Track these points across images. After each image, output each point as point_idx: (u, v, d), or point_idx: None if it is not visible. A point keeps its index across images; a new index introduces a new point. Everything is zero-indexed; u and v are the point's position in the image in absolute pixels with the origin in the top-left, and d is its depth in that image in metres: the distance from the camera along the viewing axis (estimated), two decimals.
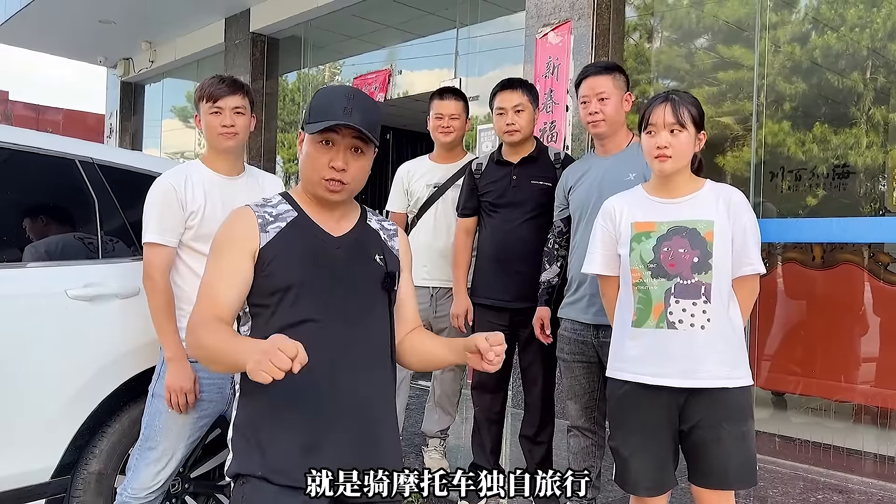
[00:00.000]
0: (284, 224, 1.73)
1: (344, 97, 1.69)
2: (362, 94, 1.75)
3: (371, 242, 1.82)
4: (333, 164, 1.69)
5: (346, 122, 1.65)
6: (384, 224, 1.90)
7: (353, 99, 1.69)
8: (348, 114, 1.66)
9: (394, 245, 1.87)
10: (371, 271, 1.78)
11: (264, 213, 1.74)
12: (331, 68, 8.59)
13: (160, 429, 2.45)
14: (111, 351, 2.65)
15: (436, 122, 3.67)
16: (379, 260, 1.80)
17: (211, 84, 2.55)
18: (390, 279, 1.80)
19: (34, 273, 2.58)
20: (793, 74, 4.70)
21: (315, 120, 1.68)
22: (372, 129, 1.70)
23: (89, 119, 16.23)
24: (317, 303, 1.68)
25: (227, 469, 1.72)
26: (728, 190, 2.31)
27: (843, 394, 4.30)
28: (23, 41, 10.67)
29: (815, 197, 4.56)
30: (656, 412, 2.27)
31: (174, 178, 2.49)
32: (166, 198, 2.45)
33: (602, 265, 2.43)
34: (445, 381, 3.72)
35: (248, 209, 1.74)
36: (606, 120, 2.90)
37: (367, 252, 1.79)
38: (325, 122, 1.66)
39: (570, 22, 5.03)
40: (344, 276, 1.73)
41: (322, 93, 1.77)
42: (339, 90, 1.73)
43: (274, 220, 1.73)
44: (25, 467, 2.45)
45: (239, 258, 1.67)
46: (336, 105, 1.68)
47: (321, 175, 1.70)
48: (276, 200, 1.79)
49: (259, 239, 1.69)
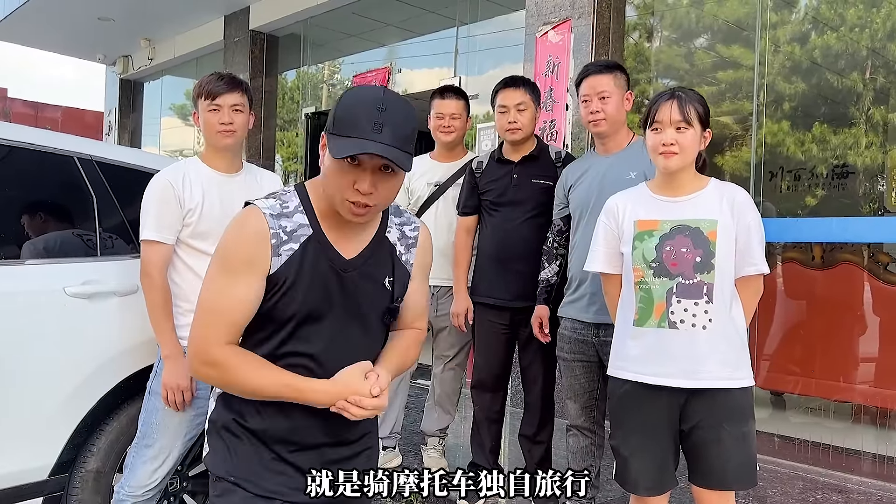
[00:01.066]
0: (297, 246, 1.56)
1: (374, 109, 1.46)
2: (395, 102, 1.50)
3: (383, 263, 1.67)
4: (359, 186, 1.48)
5: (373, 148, 1.44)
6: (405, 230, 1.72)
7: (384, 111, 1.46)
8: (378, 130, 1.44)
9: (408, 259, 1.71)
10: (376, 299, 1.67)
11: (280, 228, 1.55)
12: (330, 66, 8.58)
13: (157, 426, 2.44)
14: (109, 349, 2.64)
15: (437, 122, 3.66)
16: (388, 284, 1.67)
17: (209, 81, 2.54)
18: (390, 314, 1.71)
19: (32, 270, 2.57)
20: (792, 74, 4.69)
21: (340, 132, 1.48)
22: (405, 144, 1.49)
23: (88, 116, 16.20)
24: (313, 332, 1.60)
25: (203, 457, 1.69)
26: (732, 189, 2.30)
27: (843, 394, 4.30)
28: (22, 38, 10.64)
29: (815, 197, 4.55)
30: (657, 412, 2.26)
31: (172, 174, 2.48)
32: (164, 195, 2.45)
33: (604, 263, 2.42)
34: (445, 380, 3.71)
35: (263, 220, 1.54)
36: (608, 119, 2.89)
37: (376, 276, 1.66)
38: (351, 141, 1.45)
39: (570, 20, 5.02)
40: (347, 304, 1.62)
41: (350, 98, 1.53)
42: (369, 97, 1.50)
43: (288, 239, 1.55)
44: (23, 465, 2.44)
45: (255, 281, 1.54)
46: (364, 120, 1.46)
47: (344, 196, 1.50)
48: (293, 206, 1.59)
49: (270, 263, 1.54)
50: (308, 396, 1.55)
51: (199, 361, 1.56)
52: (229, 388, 1.58)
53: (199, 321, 1.57)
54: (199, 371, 1.58)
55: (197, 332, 1.56)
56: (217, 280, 1.56)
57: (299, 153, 8.52)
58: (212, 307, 1.55)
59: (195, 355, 1.56)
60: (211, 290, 1.57)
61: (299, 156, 8.52)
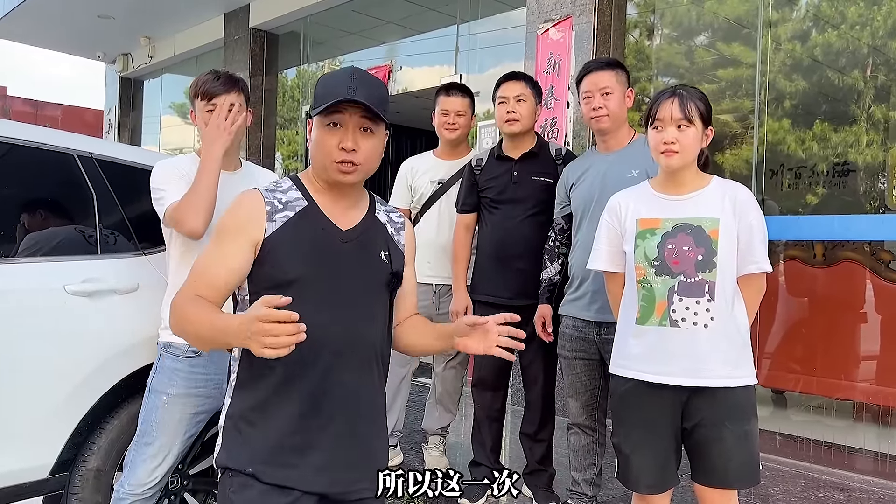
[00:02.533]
0: (293, 214, 1.68)
1: (347, 77, 1.66)
2: (366, 73, 1.71)
3: (378, 237, 1.78)
4: (343, 144, 1.65)
5: (350, 96, 1.61)
6: (392, 216, 1.86)
7: (356, 78, 1.65)
8: (353, 92, 1.62)
9: (400, 240, 1.84)
10: (375, 269, 1.75)
11: (274, 199, 1.69)
12: (330, 64, 8.56)
13: (157, 424, 2.44)
14: (110, 347, 2.64)
15: (441, 119, 3.65)
16: (384, 257, 1.76)
17: (205, 81, 2.52)
18: (396, 279, 1.78)
19: (32, 268, 2.56)
20: (793, 72, 4.69)
21: (321, 104, 1.65)
22: (379, 104, 1.66)
23: (88, 115, 16.21)
24: (318, 301, 1.63)
25: (215, 458, 1.69)
26: (735, 187, 2.30)
27: (844, 392, 4.30)
28: (21, 36, 10.63)
29: (816, 195, 4.55)
30: (659, 410, 2.26)
31: (175, 162, 2.50)
32: (176, 171, 2.44)
33: (607, 261, 2.42)
34: (446, 379, 3.71)
35: (257, 193, 1.69)
36: (610, 115, 2.89)
37: (373, 248, 1.76)
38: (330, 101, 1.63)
39: (571, 18, 5.01)
40: (347, 273, 1.70)
41: (325, 77, 1.74)
42: (341, 72, 1.70)
43: (283, 207, 1.68)
44: (23, 464, 2.44)
45: (241, 246, 1.63)
46: (340, 86, 1.64)
47: (332, 158, 1.66)
48: (287, 186, 1.74)
49: (265, 228, 1.64)
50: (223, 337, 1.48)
51: (171, 312, 1.65)
52: (193, 335, 1.60)
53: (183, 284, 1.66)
54: (173, 324, 1.64)
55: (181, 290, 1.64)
56: (209, 249, 1.68)
57: (300, 151, 8.51)
58: (196, 269, 1.66)
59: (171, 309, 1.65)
60: (200, 257, 1.69)
61: (299, 154, 8.51)
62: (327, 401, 1.65)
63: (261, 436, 1.64)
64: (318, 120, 1.67)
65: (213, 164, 2.38)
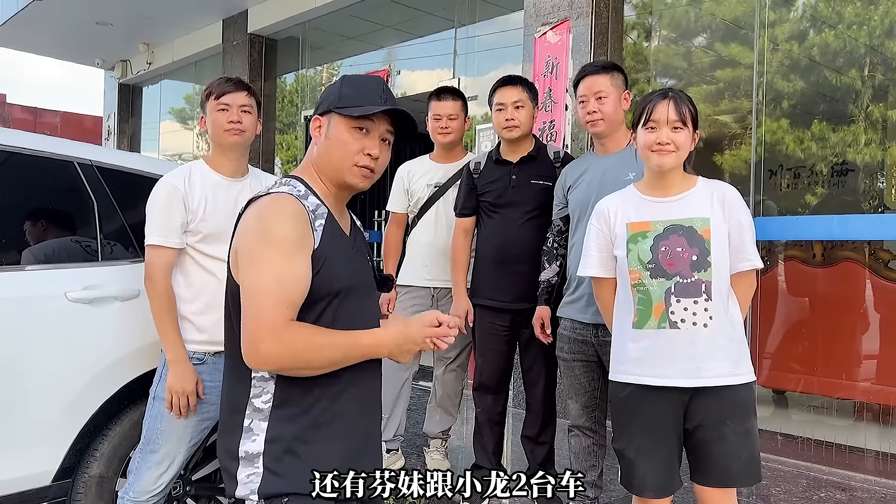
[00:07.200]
0: (324, 221, 1.63)
1: (378, 86, 1.69)
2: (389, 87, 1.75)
3: (363, 241, 1.83)
4: (370, 151, 1.65)
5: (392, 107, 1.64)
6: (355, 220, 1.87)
7: (385, 91, 1.69)
8: (384, 101, 1.65)
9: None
10: (370, 272, 1.79)
11: (307, 207, 1.61)
12: (329, 69, 8.58)
13: (162, 432, 2.44)
14: (111, 353, 2.64)
15: (434, 124, 3.66)
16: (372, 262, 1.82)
17: (218, 84, 2.57)
18: (384, 280, 1.82)
19: (34, 276, 2.57)
20: (791, 72, 4.70)
21: (349, 104, 1.64)
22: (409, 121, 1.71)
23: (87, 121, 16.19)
24: (355, 308, 1.66)
25: (258, 488, 1.57)
26: (721, 186, 2.31)
27: (845, 391, 4.30)
28: (20, 44, 10.64)
29: (815, 195, 4.56)
30: (661, 413, 2.26)
31: (176, 178, 2.49)
32: (170, 198, 2.45)
33: (598, 267, 2.41)
34: (447, 382, 3.71)
35: (296, 201, 1.60)
36: (605, 119, 2.90)
37: (365, 252, 1.81)
38: (371, 107, 1.63)
39: (568, 21, 5.03)
40: (364, 276, 1.74)
41: (353, 80, 1.73)
42: (370, 80, 1.71)
43: (315, 217, 1.62)
44: (26, 471, 2.44)
45: (306, 257, 1.57)
46: (372, 93, 1.66)
47: (354, 161, 1.65)
48: (303, 190, 1.65)
49: (314, 237, 1.60)
50: (374, 351, 1.62)
51: (275, 341, 1.50)
52: (305, 363, 1.54)
53: (264, 306, 1.51)
54: (273, 353, 1.51)
55: (267, 317, 1.50)
56: (277, 264, 1.53)
57: (299, 156, 8.52)
58: (277, 289, 1.52)
59: (272, 337, 1.50)
60: (271, 275, 1.53)
61: (298, 159, 8.52)
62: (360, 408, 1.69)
63: (318, 453, 1.59)
64: (346, 122, 1.64)
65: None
